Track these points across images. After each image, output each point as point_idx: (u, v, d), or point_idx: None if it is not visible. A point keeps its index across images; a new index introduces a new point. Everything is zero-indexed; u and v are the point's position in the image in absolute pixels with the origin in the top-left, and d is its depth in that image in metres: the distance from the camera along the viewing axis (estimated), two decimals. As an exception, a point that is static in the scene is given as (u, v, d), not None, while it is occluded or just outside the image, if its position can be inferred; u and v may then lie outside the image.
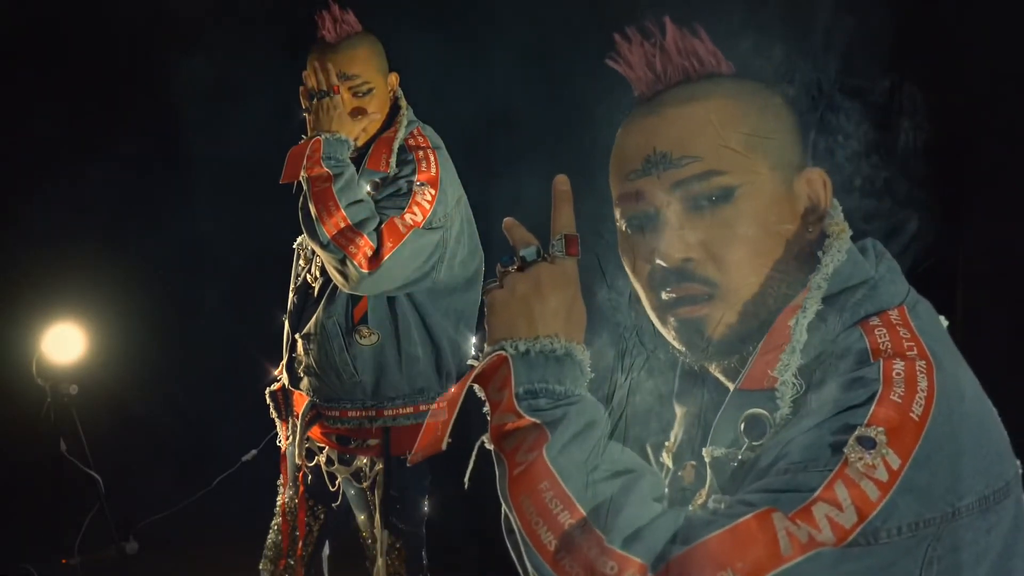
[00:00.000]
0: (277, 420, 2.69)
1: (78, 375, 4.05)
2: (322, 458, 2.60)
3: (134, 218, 4.42)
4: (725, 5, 1.16)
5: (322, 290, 2.56)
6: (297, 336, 2.60)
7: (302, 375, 2.60)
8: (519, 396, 1.01)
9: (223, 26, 4.04)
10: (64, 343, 4.05)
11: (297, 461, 2.63)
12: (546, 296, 1.05)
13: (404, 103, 2.65)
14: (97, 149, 4.24)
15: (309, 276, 2.63)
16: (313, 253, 2.59)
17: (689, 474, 1.18)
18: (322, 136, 2.44)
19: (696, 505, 1.11)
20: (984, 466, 0.97)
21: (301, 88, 2.55)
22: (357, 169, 2.48)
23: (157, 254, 4.38)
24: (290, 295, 2.69)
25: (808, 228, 1.12)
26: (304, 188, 2.43)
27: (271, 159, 2.59)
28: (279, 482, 2.71)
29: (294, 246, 2.72)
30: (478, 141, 3.30)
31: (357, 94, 2.54)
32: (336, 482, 2.61)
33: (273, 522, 2.71)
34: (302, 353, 2.58)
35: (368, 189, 2.49)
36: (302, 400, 2.59)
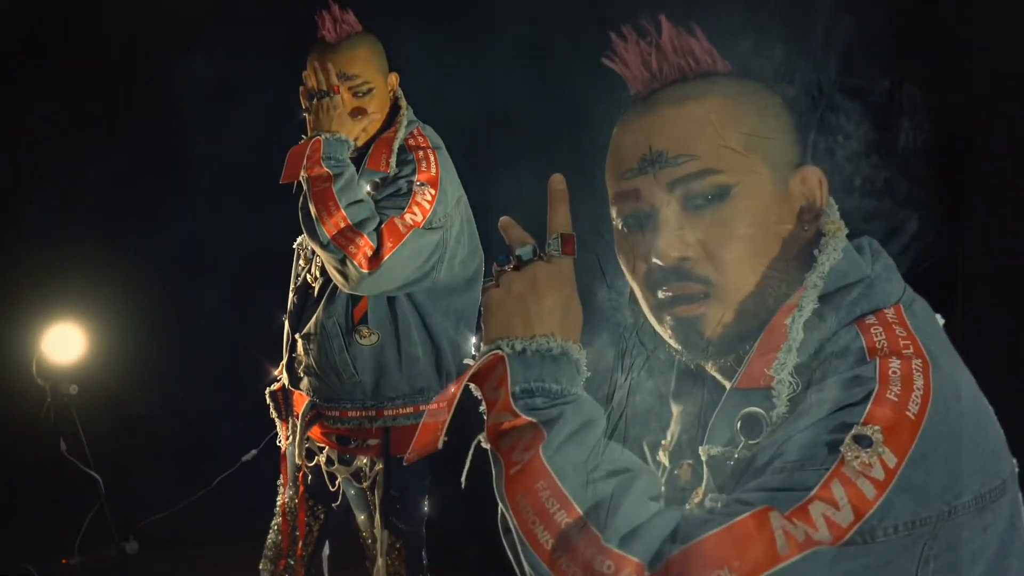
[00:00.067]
0: (277, 420, 2.68)
1: (78, 375, 4.05)
2: (322, 458, 2.60)
3: (134, 218, 4.41)
4: (725, 5, 1.16)
5: (322, 290, 2.56)
6: (297, 336, 2.60)
7: (302, 375, 2.60)
8: (515, 395, 1.01)
9: (223, 26, 4.03)
10: (64, 343, 4.05)
11: (297, 461, 2.63)
12: (542, 295, 1.05)
13: (404, 103, 2.65)
14: (97, 149, 4.24)
15: (309, 276, 2.63)
16: (313, 253, 2.59)
17: (686, 473, 1.18)
18: (322, 136, 2.44)
19: (693, 504, 1.11)
20: (980, 464, 0.98)
21: (301, 88, 2.55)
22: (357, 169, 2.48)
23: (157, 254, 4.38)
24: (290, 295, 2.69)
25: (804, 227, 1.11)
26: (304, 188, 2.43)
27: (271, 159, 2.59)
28: (279, 482, 2.71)
29: (294, 246, 2.72)
30: (478, 141, 3.30)
31: (357, 94, 2.54)
32: (336, 482, 2.61)
33: (273, 522, 2.71)
34: (302, 353, 2.58)
35: (368, 189, 2.49)
36: (302, 400, 2.58)
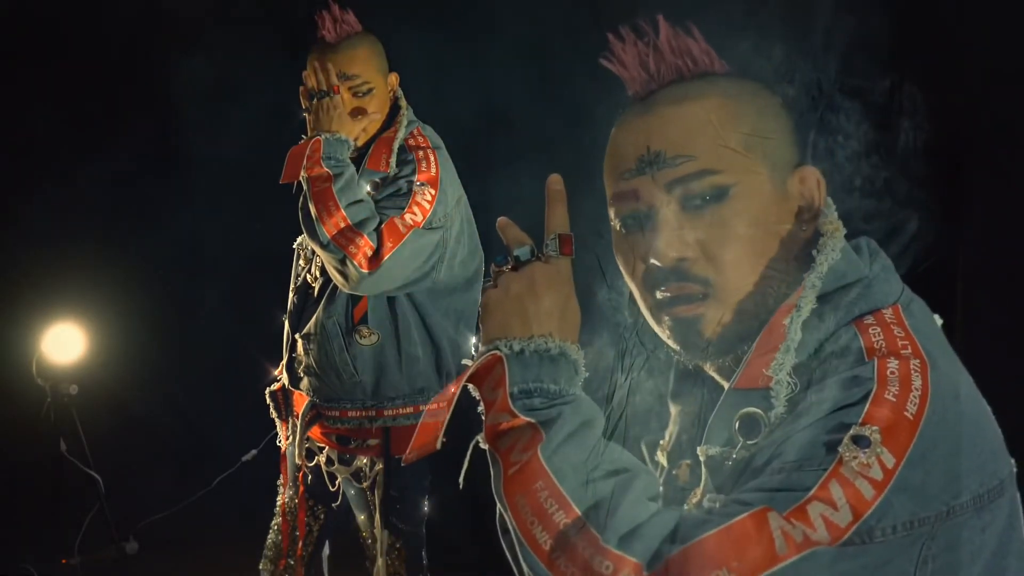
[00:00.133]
0: (277, 420, 2.68)
1: (78, 375, 4.05)
2: (322, 458, 2.60)
3: (134, 218, 4.41)
4: (725, 5, 1.16)
5: (322, 290, 2.56)
6: (297, 336, 2.60)
7: (302, 375, 2.60)
8: (513, 396, 1.01)
9: (223, 26, 4.03)
10: (64, 343, 4.05)
11: (297, 461, 2.63)
12: (540, 296, 1.05)
13: (404, 103, 2.65)
14: (97, 149, 4.24)
15: (309, 276, 2.63)
16: (313, 253, 2.59)
17: (684, 473, 1.18)
18: (322, 136, 2.44)
19: (691, 504, 1.11)
20: (979, 464, 0.97)
21: (301, 88, 2.55)
22: (357, 169, 2.48)
23: (157, 254, 4.37)
24: (290, 295, 2.69)
25: (803, 227, 1.11)
26: (304, 188, 2.43)
27: (271, 159, 2.59)
28: (279, 482, 2.71)
29: (294, 246, 2.72)
30: (478, 141, 3.29)
31: (357, 94, 2.54)
32: (336, 482, 2.61)
33: (273, 522, 2.71)
34: (302, 353, 2.58)
35: (368, 189, 2.49)
36: (302, 400, 2.58)
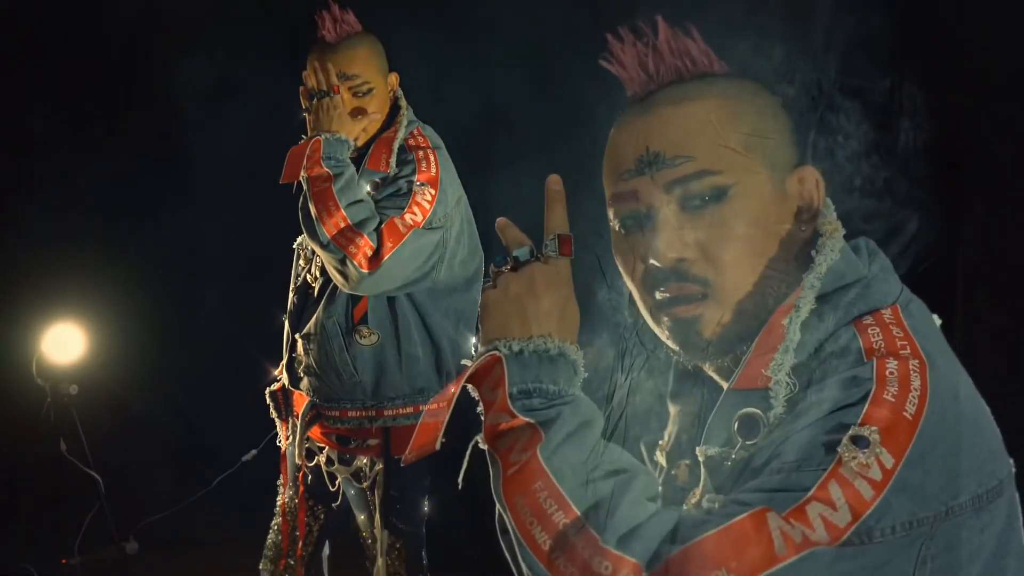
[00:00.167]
0: (277, 420, 2.68)
1: (78, 375, 4.05)
2: (322, 458, 2.60)
3: (134, 218, 4.41)
4: (725, 5, 1.16)
5: (322, 290, 2.56)
6: (297, 336, 2.60)
7: (302, 375, 2.60)
8: (513, 396, 1.01)
9: (223, 26, 4.03)
10: (64, 343, 4.05)
11: (297, 461, 2.63)
12: (539, 296, 1.05)
13: (404, 103, 2.65)
14: (97, 149, 4.24)
15: (309, 276, 2.63)
16: (313, 253, 2.59)
17: (683, 473, 1.18)
18: (322, 136, 2.44)
19: (690, 504, 1.11)
20: (977, 465, 0.97)
21: (301, 88, 2.55)
22: (357, 169, 2.48)
23: (157, 254, 4.37)
24: (290, 295, 2.69)
25: (802, 227, 1.11)
26: (304, 188, 2.43)
27: (271, 159, 2.59)
28: (279, 482, 2.71)
29: (294, 246, 2.72)
30: (478, 141, 3.29)
31: (357, 94, 2.54)
32: (336, 482, 2.61)
33: (273, 522, 2.71)
34: (302, 353, 2.58)
35: (368, 189, 2.49)
36: (302, 400, 2.58)
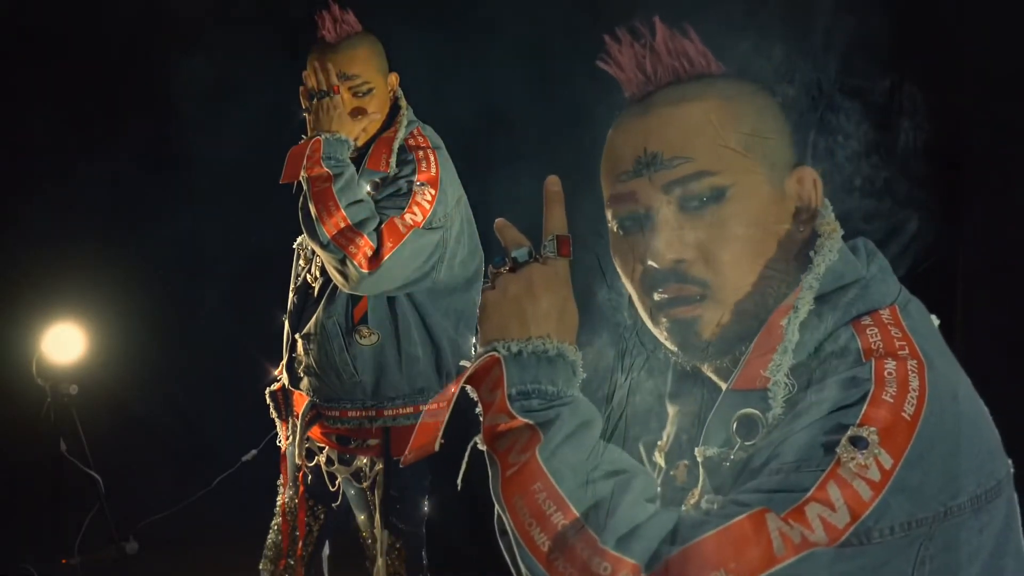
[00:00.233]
0: (277, 420, 2.68)
1: (78, 375, 4.05)
2: (322, 458, 2.60)
3: (134, 218, 4.41)
4: (725, 5, 1.15)
5: (322, 290, 2.56)
6: (297, 336, 2.60)
7: (302, 375, 2.60)
8: (511, 397, 1.01)
9: (223, 26, 4.03)
10: (64, 343, 4.05)
11: (297, 461, 2.63)
12: (538, 297, 1.05)
13: (404, 103, 2.65)
14: (97, 149, 4.24)
15: (309, 276, 2.63)
16: (313, 253, 2.59)
17: (682, 474, 1.18)
18: (322, 136, 2.44)
19: (689, 505, 1.11)
20: (976, 465, 0.97)
21: (301, 88, 2.55)
22: (357, 169, 2.48)
23: (157, 254, 4.37)
24: (290, 295, 2.69)
25: (800, 227, 1.11)
26: (304, 188, 2.43)
27: (271, 159, 2.59)
28: (279, 482, 2.71)
29: (294, 246, 2.72)
30: (478, 141, 3.29)
31: (357, 94, 2.54)
32: (336, 482, 2.61)
33: (273, 522, 2.71)
34: (302, 353, 2.58)
35: (368, 189, 2.49)
36: (302, 400, 2.59)
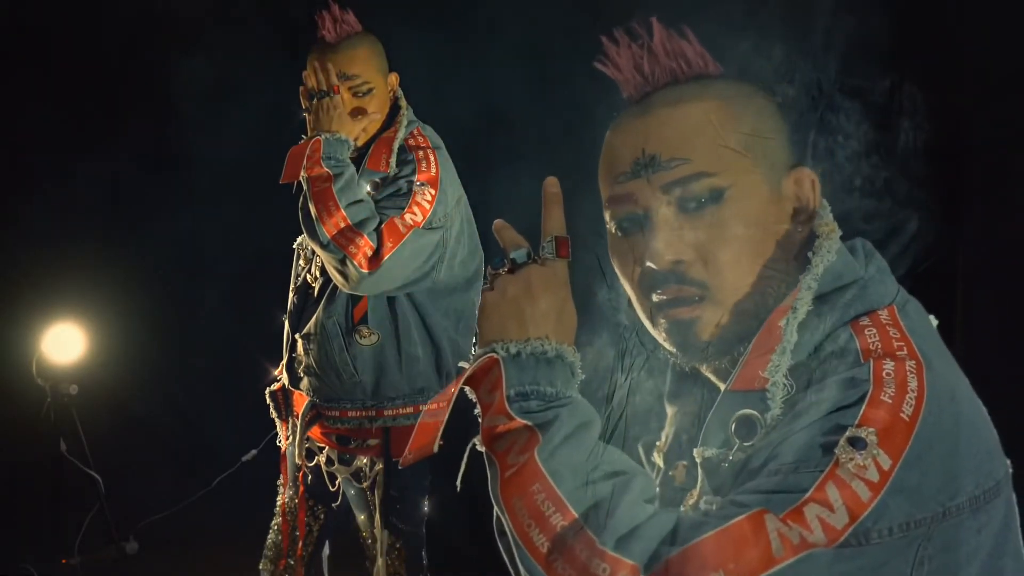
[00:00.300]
0: (277, 420, 2.68)
1: (78, 375, 4.06)
2: (322, 458, 2.60)
3: (134, 218, 4.41)
4: (725, 5, 1.15)
5: (322, 290, 2.56)
6: (297, 336, 2.59)
7: (302, 375, 2.60)
8: (510, 398, 1.01)
9: (223, 26, 4.03)
10: (64, 343, 4.06)
11: (297, 461, 2.63)
12: (536, 298, 1.05)
13: (404, 103, 2.65)
14: (97, 149, 4.24)
15: (309, 276, 2.63)
16: (313, 253, 2.59)
17: (681, 474, 1.18)
18: (322, 136, 2.44)
19: (687, 506, 1.11)
20: (975, 466, 0.97)
21: (301, 88, 2.55)
22: (357, 169, 2.48)
23: (157, 254, 4.38)
24: (290, 295, 2.69)
25: (798, 228, 1.11)
26: (304, 188, 2.43)
27: (271, 159, 2.59)
28: (279, 482, 2.71)
29: (294, 246, 2.72)
30: (478, 141, 3.29)
31: (357, 94, 2.54)
32: (336, 482, 2.61)
33: (273, 522, 2.71)
34: (302, 353, 2.58)
35: (368, 189, 2.49)
36: (302, 400, 2.58)
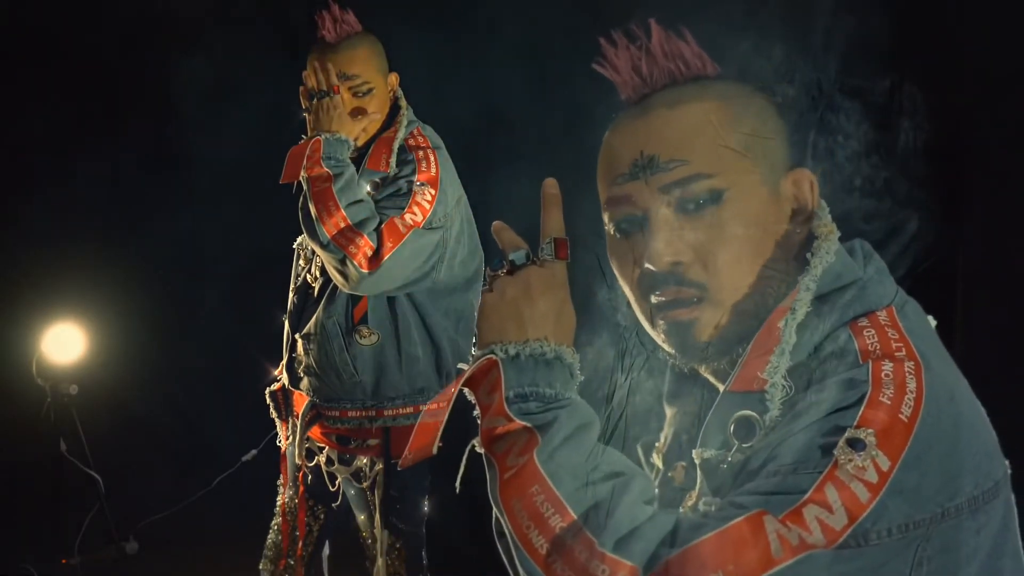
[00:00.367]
0: (277, 420, 2.68)
1: (78, 375, 4.05)
2: (322, 458, 2.60)
3: (134, 218, 4.41)
4: (725, 5, 1.15)
5: (322, 290, 2.56)
6: (297, 336, 2.60)
7: (302, 375, 2.60)
8: (509, 400, 1.01)
9: (223, 26, 4.03)
10: (64, 343, 4.06)
11: (297, 461, 2.63)
12: (535, 300, 1.05)
13: (404, 103, 2.65)
14: (97, 149, 4.24)
15: (309, 276, 2.63)
16: (313, 253, 2.59)
17: (680, 475, 1.18)
18: (322, 136, 2.44)
19: (686, 507, 1.11)
20: (973, 466, 0.97)
21: (301, 88, 2.55)
22: (357, 169, 2.49)
23: (157, 254, 4.37)
24: (290, 295, 2.69)
25: (796, 229, 1.11)
26: (304, 188, 2.43)
27: (271, 159, 2.59)
28: (279, 482, 2.71)
29: (294, 246, 2.72)
30: (478, 141, 3.29)
31: (357, 94, 2.54)
32: (336, 482, 2.61)
33: (273, 522, 2.71)
34: (302, 353, 2.58)
35: (368, 189, 2.49)
36: (302, 400, 2.59)
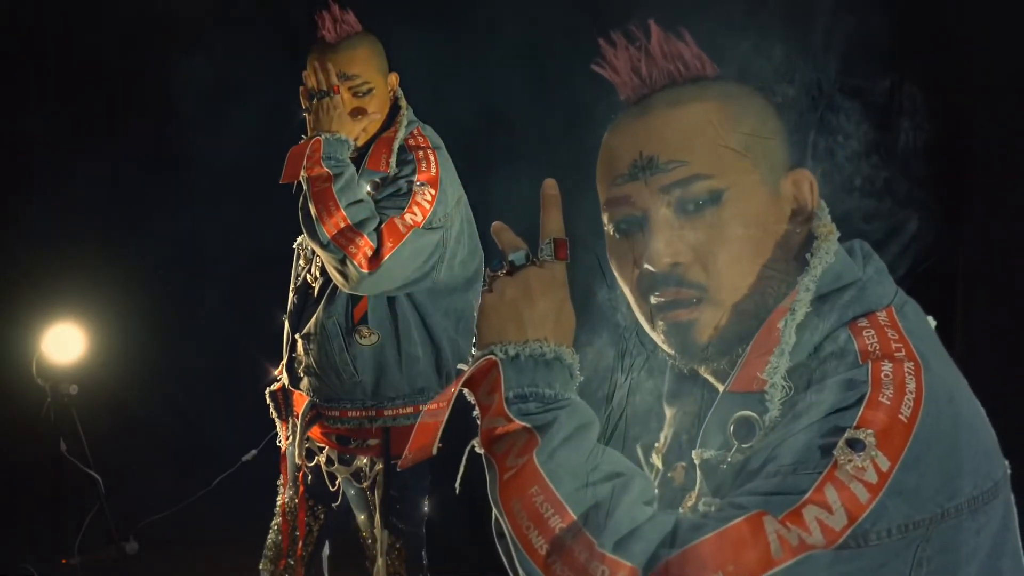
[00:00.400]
0: (277, 420, 2.69)
1: (78, 375, 4.05)
2: (322, 458, 2.60)
3: (134, 218, 4.41)
4: (725, 5, 1.15)
5: (322, 290, 2.56)
6: (297, 336, 2.60)
7: (302, 375, 2.60)
8: (509, 400, 1.01)
9: (223, 26, 4.03)
10: (64, 343, 4.06)
11: (297, 461, 2.63)
12: (535, 300, 1.05)
13: (404, 103, 2.65)
14: (97, 149, 4.24)
15: (309, 276, 2.63)
16: (313, 253, 2.59)
17: (680, 475, 1.18)
18: (322, 136, 2.44)
19: (686, 507, 1.11)
20: (973, 467, 0.97)
21: (301, 88, 2.55)
22: (357, 169, 2.49)
23: (157, 254, 4.37)
24: (290, 295, 2.69)
25: (796, 229, 1.11)
26: (304, 188, 2.43)
27: (271, 159, 2.59)
28: (279, 482, 2.71)
29: (294, 246, 2.72)
30: (478, 141, 3.29)
31: (357, 94, 2.54)
32: (336, 482, 2.61)
33: (273, 522, 2.71)
34: (302, 353, 2.58)
35: (368, 189, 2.49)
36: (302, 400, 2.59)
